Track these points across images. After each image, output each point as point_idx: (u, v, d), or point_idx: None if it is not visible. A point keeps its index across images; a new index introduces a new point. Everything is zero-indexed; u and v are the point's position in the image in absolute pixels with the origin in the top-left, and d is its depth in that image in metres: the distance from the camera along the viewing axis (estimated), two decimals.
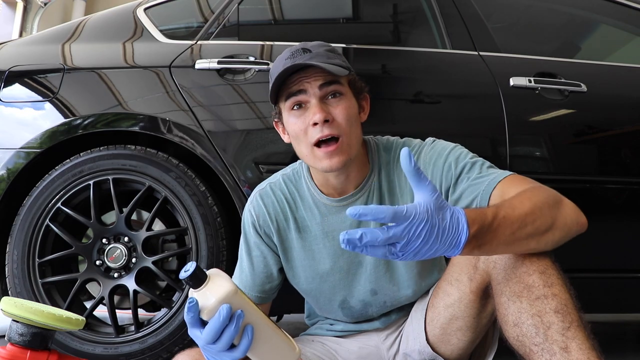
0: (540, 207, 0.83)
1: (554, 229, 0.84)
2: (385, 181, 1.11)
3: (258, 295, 1.15)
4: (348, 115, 1.02)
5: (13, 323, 0.91)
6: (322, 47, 1.05)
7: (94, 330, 1.58)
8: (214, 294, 0.77)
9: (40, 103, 1.68)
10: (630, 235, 1.70)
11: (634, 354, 2.06)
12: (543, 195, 0.86)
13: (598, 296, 1.73)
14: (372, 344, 1.18)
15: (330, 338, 1.21)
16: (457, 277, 1.02)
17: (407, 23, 2.04)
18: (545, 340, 0.80)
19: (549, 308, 0.81)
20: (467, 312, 1.02)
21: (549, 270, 0.85)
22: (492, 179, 0.96)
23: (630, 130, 1.77)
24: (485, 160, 1.03)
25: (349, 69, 1.05)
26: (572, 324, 0.80)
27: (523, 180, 0.95)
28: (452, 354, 1.08)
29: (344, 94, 1.04)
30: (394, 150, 1.12)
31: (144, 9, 1.86)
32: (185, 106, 1.61)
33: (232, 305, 0.77)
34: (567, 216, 0.85)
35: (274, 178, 1.18)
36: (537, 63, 1.77)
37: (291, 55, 1.03)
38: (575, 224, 0.86)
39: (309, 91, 1.02)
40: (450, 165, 1.02)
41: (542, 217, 0.82)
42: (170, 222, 1.92)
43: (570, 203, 0.88)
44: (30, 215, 1.58)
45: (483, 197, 0.95)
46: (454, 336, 1.06)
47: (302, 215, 1.13)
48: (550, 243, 0.85)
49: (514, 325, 0.85)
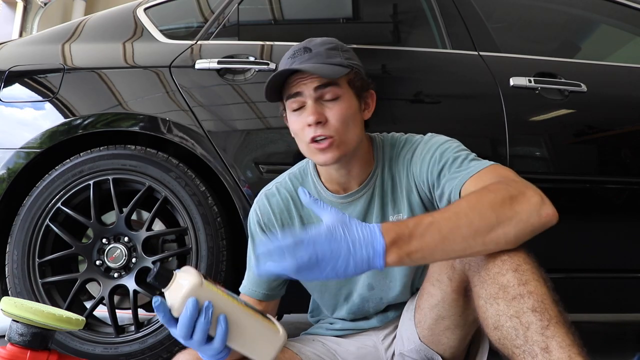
0: (480, 207, 0.81)
1: (502, 226, 0.81)
2: (388, 178, 1.12)
3: (265, 293, 1.15)
4: (343, 116, 1.03)
5: (13, 323, 0.91)
6: (324, 46, 1.06)
7: (94, 330, 1.58)
8: (179, 291, 0.78)
9: (41, 103, 1.68)
10: (630, 235, 1.70)
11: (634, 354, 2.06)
12: (493, 193, 0.84)
13: (598, 296, 1.73)
14: (370, 344, 1.19)
15: (330, 338, 1.21)
16: (437, 277, 1.02)
17: (407, 23, 2.04)
18: (525, 342, 0.79)
19: (526, 307, 0.80)
20: (452, 311, 1.02)
21: (522, 266, 0.83)
22: (467, 173, 0.95)
23: (630, 130, 1.76)
24: (471, 153, 1.02)
25: (351, 66, 1.05)
26: (550, 321, 0.78)
27: (495, 173, 0.93)
28: (446, 353, 1.08)
29: (340, 95, 1.04)
30: (397, 147, 1.13)
31: (144, 9, 1.86)
32: (185, 106, 1.61)
33: (199, 298, 0.78)
34: (521, 211, 0.82)
35: (280, 178, 1.20)
36: (537, 63, 1.76)
37: (292, 55, 1.05)
38: (536, 217, 0.83)
39: (305, 93, 1.04)
40: (435, 160, 1.03)
41: (482, 217, 0.81)
42: (170, 222, 1.92)
43: (535, 196, 0.85)
44: (30, 215, 1.58)
45: (454, 193, 0.95)
46: (444, 336, 1.06)
47: (308, 213, 1.15)
48: (504, 241, 0.83)
49: (495, 328, 0.84)
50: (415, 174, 1.08)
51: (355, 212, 1.12)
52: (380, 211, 1.11)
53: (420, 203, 1.09)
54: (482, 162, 0.98)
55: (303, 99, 1.04)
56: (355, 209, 1.12)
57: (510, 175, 0.93)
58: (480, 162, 0.99)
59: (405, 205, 1.10)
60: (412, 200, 1.10)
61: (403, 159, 1.11)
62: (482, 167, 0.96)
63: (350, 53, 1.11)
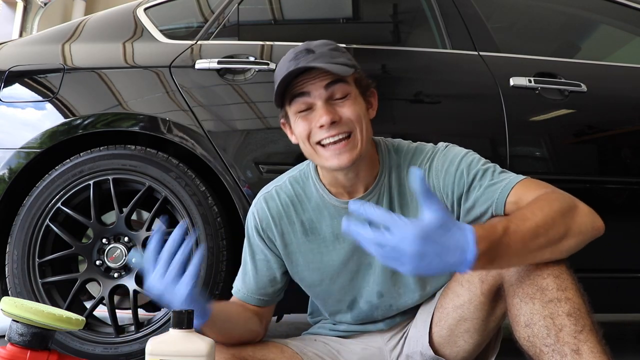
0: (553, 217, 0.83)
1: (569, 237, 0.84)
2: (395, 183, 1.09)
3: (260, 299, 1.14)
4: (357, 112, 1.01)
5: (13, 323, 0.91)
6: (326, 47, 1.04)
7: (94, 330, 1.58)
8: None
9: (41, 103, 1.68)
10: (630, 235, 1.70)
11: (634, 354, 2.06)
12: (557, 202, 0.86)
13: (598, 296, 1.72)
14: (375, 345, 1.18)
15: (333, 338, 1.20)
16: (468, 278, 1.01)
17: (407, 23, 2.04)
18: (556, 341, 0.80)
19: (561, 311, 0.82)
20: (476, 314, 1.01)
21: (563, 274, 0.86)
22: (505, 185, 0.95)
23: (630, 130, 1.77)
24: (497, 166, 1.02)
25: (355, 66, 1.03)
26: (584, 327, 0.80)
27: (537, 184, 0.95)
28: (457, 356, 1.08)
29: (350, 93, 1.02)
30: (405, 154, 1.10)
31: (144, 9, 1.86)
32: (185, 106, 1.61)
33: None
34: (581, 223, 0.85)
35: (279, 180, 1.16)
36: (537, 63, 1.76)
37: (294, 56, 1.01)
38: (591, 229, 0.87)
39: (313, 93, 1.00)
40: (462, 173, 1.01)
41: (555, 227, 0.82)
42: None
43: (586, 208, 0.88)
44: (30, 215, 1.58)
45: (498, 205, 0.95)
46: (461, 338, 1.05)
47: (310, 218, 1.11)
48: (566, 251, 0.85)
49: (526, 325, 0.85)
50: (437, 186, 1.04)
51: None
52: None
53: None
54: (512, 174, 0.99)
55: (311, 99, 1.00)
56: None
57: (550, 187, 0.94)
58: (508, 173, 1.00)
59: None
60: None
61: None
62: (519, 179, 0.96)
63: (349, 54, 1.09)
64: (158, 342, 0.80)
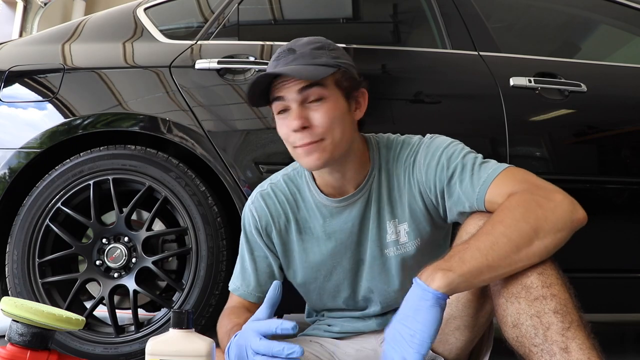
0: (516, 225, 0.83)
1: (541, 238, 0.83)
2: (385, 181, 1.09)
3: (260, 296, 1.14)
4: (330, 118, 0.99)
5: (13, 323, 0.91)
6: (309, 46, 1.03)
7: (94, 330, 1.58)
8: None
9: (41, 103, 1.68)
10: (630, 235, 1.70)
11: (634, 354, 2.06)
12: (519, 208, 0.86)
13: (598, 296, 1.73)
14: (369, 347, 1.18)
15: (327, 340, 1.20)
16: None
17: (407, 23, 2.04)
18: (544, 340, 0.80)
19: (548, 308, 0.81)
20: (464, 312, 1.01)
21: (547, 270, 0.85)
22: (484, 182, 0.95)
23: (630, 130, 1.76)
24: (478, 155, 1.01)
25: (339, 66, 1.02)
26: (572, 324, 0.79)
27: (514, 178, 0.94)
28: (451, 354, 1.08)
29: (325, 96, 1.00)
30: (394, 149, 1.10)
31: (144, 9, 1.86)
32: (185, 106, 1.61)
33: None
34: (556, 220, 0.84)
35: (274, 178, 1.17)
36: (537, 63, 1.76)
37: (277, 56, 1.02)
38: (570, 223, 0.85)
39: (288, 97, 1.00)
40: (443, 167, 1.01)
41: (519, 232, 0.83)
42: (170, 222, 1.92)
43: (564, 200, 0.87)
44: (30, 215, 1.58)
45: (478, 203, 0.95)
46: (452, 336, 1.05)
47: (304, 217, 1.13)
48: (545, 251, 0.84)
49: (513, 326, 0.84)
50: (420, 180, 1.05)
51: (351, 216, 1.10)
52: (376, 215, 1.09)
53: (424, 210, 1.07)
54: (492, 165, 0.98)
55: (287, 102, 1.01)
56: (350, 213, 1.10)
57: (530, 178, 0.93)
58: (489, 163, 0.98)
59: (406, 213, 1.08)
60: (414, 208, 1.07)
61: (403, 163, 1.08)
62: (498, 172, 0.95)
63: (338, 52, 1.06)
64: (158, 342, 0.80)
